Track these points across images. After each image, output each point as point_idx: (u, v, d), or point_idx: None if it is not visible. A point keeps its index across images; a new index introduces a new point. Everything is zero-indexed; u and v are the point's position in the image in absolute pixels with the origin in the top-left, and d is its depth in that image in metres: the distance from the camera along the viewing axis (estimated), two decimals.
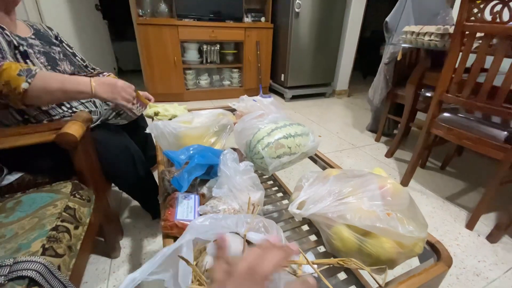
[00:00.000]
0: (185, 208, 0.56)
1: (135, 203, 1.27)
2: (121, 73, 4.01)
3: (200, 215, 0.56)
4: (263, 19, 2.84)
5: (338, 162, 1.70)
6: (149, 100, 1.09)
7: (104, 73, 1.11)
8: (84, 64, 1.06)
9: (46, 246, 0.55)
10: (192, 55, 2.71)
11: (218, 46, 2.76)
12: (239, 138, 0.80)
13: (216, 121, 0.86)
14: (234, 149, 1.06)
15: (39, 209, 0.64)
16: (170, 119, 1.05)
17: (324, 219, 0.51)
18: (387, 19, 1.71)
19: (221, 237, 0.30)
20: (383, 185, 0.53)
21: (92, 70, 1.09)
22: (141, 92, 1.04)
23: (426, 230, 0.45)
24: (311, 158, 0.90)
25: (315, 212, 0.49)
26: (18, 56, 0.76)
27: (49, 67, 0.84)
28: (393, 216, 0.44)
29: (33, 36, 0.87)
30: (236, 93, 2.97)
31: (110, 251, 0.98)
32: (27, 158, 0.82)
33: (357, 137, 2.10)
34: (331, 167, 0.85)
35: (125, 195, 1.29)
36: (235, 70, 2.96)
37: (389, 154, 1.80)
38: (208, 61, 2.80)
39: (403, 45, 1.51)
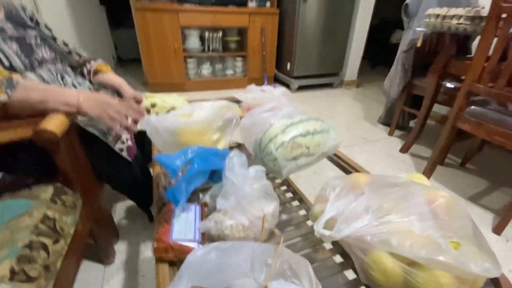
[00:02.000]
0: (183, 224, 0.46)
1: (131, 202, 1.17)
2: (120, 62, 3.87)
3: (202, 234, 0.46)
4: (268, 4, 2.67)
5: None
6: (139, 101, 0.95)
7: (92, 62, 0.98)
8: (68, 50, 0.92)
9: (16, 269, 0.45)
10: (193, 42, 2.57)
11: (220, 32, 2.61)
12: (247, 135, 0.69)
13: (220, 115, 0.75)
14: (239, 145, 0.96)
15: (13, 220, 0.54)
16: (168, 111, 0.94)
17: (359, 242, 0.40)
18: (407, 1, 1.56)
19: None
20: (433, 199, 0.42)
21: (77, 57, 0.96)
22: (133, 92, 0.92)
23: (499, 265, 0.34)
24: (328, 157, 0.79)
25: (349, 235, 0.38)
26: None
27: (23, 55, 0.72)
28: (463, 249, 0.33)
29: (3, 18, 0.75)
30: (240, 83, 2.84)
31: (103, 257, 0.89)
32: (5, 156, 0.71)
33: (369, 131, 1.98)
34: (353, 168, 0.74)
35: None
36: (239, 58, 2.81)
37: (404, 150, 1.68)
38: (210, 49, 2.66)
39: (425, 30, 1.37)
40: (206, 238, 0.46)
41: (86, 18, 2.61)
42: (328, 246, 0.57)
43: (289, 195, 0.87)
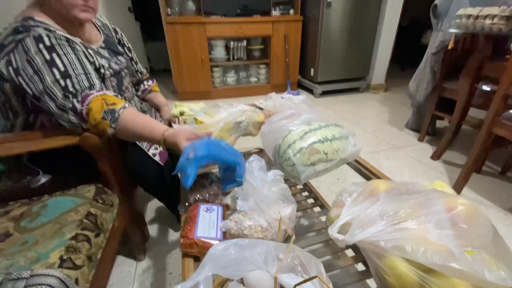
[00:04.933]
0: (206, 223, 0.50)
1: (161, 203, 1.25)
2: (152, 72, 4.13)
3: (223, 232, 0.49)
4: (292, 11, 2.71)
5: (376, 165, 1.54)
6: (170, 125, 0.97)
7: (149, 82, 1.08)
8: (136, 69, 1.02)
9: (64, 257, 0.52)
10: (219, 52, 2.68)
11: (245, 42, 2.69)
12: (267, 142, 0.72)
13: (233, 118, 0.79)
14: (260, 150, 0.99)
15: (62, 215, 0.62)
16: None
17: (374, 247, 0.41)
18: (436, 2, 1.50)
19: None
20: (452, 207, 0.42)
21: (140, 75, 1.05)
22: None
23: None
24: (349, 163, 0.80)
25: (363, 239, 0.40)
26: None
27: (118, 91, 0.79)
28: (477, 257, 0.33)
29: (103, 45, 0.79)
30: (263, 90, 2.89)
31: (135, 253, 0.96)
32: (56, 161, 0.81)
33: (396, 136, 1.91)
34: (374, 175, 0.73)
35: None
36: (262, 66, 2.87)
37: (436, 156, 1.59)
38: (235, 58, 2.75)
39: (456, 30, 1.31)
40: (227, 237, 0.50)
41: (124, 34, 2.85)
42: (350, 253, 0.58)
43: (310, 201, 0.88)
